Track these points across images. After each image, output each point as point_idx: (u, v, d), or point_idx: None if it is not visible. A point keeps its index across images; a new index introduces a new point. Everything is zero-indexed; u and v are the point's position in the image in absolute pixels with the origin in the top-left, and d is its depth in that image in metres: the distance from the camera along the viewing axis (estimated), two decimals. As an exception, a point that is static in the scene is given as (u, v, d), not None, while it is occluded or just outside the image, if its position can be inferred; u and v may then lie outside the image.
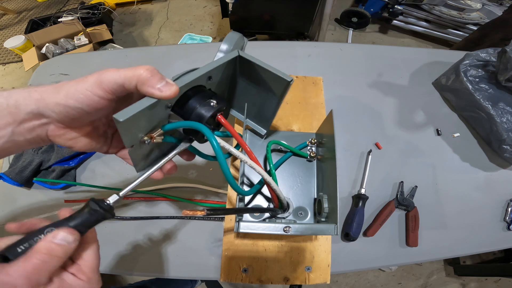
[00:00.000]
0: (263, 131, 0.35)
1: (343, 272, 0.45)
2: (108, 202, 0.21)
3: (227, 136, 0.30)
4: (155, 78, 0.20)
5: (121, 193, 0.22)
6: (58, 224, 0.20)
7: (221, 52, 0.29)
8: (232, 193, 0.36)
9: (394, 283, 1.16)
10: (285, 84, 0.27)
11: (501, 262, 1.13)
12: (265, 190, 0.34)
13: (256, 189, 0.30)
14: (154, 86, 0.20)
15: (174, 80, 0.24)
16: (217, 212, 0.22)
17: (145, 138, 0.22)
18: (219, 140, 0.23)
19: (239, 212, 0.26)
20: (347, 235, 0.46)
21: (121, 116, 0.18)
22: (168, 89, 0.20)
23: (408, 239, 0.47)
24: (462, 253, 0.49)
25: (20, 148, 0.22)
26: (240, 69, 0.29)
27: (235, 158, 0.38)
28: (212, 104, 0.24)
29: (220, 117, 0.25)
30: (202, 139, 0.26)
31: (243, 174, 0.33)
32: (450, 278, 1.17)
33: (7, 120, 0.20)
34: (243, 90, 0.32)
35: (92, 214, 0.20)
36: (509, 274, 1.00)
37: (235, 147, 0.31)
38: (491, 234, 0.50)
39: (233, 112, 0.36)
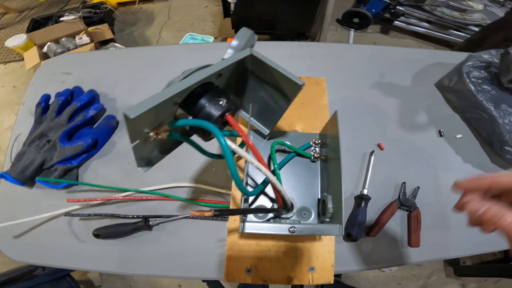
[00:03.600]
0: (266, 131, 0.35)
1: (344, 272, 0.45)
2: None
3: (233, 136, 0.30)
4: None
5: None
6: None
7: (232, 48, 0.29)
8: (236, 193, 0.36)
9: (394, 283, 1.16)
10: (296, 88, 0.27)
11: (501, 262, 1.13)
12: (268, 190, 0.34)
13: (260, 190, 0.30)
14: None
15: (185, 77, 0.24)
16: (223, 213, 0.22)
17: (151, 134, 0.22)
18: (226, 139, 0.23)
19: (245, 212, 0.26)
20: (349, 236, 0.46)
21: (132, 112, 0.18)
22: None
23: (410, 239, 0.47)
24: (462, 254, 0.49)
25: None
26: (250, 68, 0.29)
27: (239, 157, 0.38)
28: (221, 103, 0.24)
29: (228, 116, 0.24)
30: (208, 137, 0.26)
31: (247, 174, 0.33)
32: (450, 278, 1.17)
33: None
34: (251, 89, 0.32)
35: None
36: (508, 274, 1.00)
37: (239, 145, 0.31)
38: (492, 235, 0.49)
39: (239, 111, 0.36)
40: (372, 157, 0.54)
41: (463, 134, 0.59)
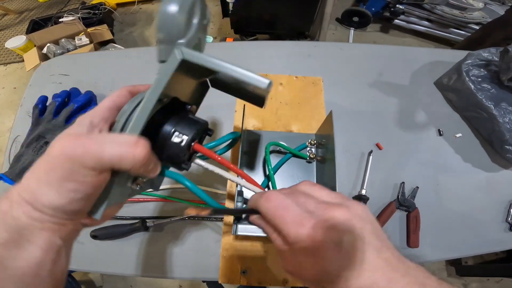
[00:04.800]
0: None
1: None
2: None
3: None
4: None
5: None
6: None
7: (162, 43, 0.20)
8: (231, 189, 0.35)
9: (395, 283, 1.16)
10: (262, 91, 0.20)
11: (503, 262, 1.12)
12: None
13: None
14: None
15: (130, 113, 0.20)
16: (221, 212, 0.21)
17: (133, 187, 0.21)
18: (202, 163, 0.22)
19: (243, 212, 0.26)
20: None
21: (98, 214, 0.18)
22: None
23: (409, 240, 0.47)
24: (463, 254, 0.49)
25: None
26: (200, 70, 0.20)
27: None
28: (178, 141, 0.20)
29: (196, 146, 0.21)
30: (181, 167, 0.23)
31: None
32: (451, 278, 1.16)
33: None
34: (221, 86, 0.26)
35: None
36: (511, 274, 1.00)
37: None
38: (493, 235, 0.49)
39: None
40: (371, 157, 0.53)
41: (462, 133, 0.58)
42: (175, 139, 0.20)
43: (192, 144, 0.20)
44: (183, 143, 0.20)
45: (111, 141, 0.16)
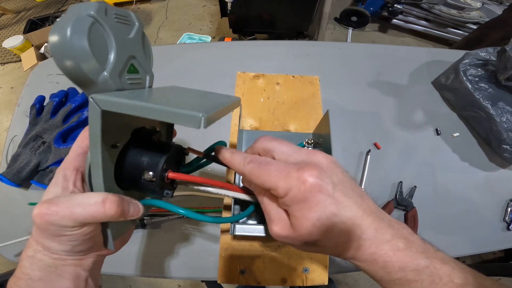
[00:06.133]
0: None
1: (342, 273, 0.45)
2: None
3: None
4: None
5: None
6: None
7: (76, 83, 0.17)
8: (227, 201, 0.35)
9: (393, 282, 1.16)
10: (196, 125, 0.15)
11: (501, 261, 1.13)
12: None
13: (251, 210, 0.25)
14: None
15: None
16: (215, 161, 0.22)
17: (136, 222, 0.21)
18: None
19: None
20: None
21: (110, 246, 0.20)
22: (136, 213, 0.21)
23: (407, 239, 0.47)
24: (461, 254, 0.49)
25: None
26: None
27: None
28: (149, 178, 0.19)
29: (171, 175, 0.20)
30: (164, 197, 0.22)
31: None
32: (450, 277, 1.17)
33: None
34: None
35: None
36: (509, 273, 1.00)
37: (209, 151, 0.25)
38: (491, 234, 0.50)
39: None
40: (369, 156, 0.53)
41: (460, 133, 0.58)
42: (146, 176, 0.19)
43: (165, 175, 0.19)
44: (155, 180, 0.19)
45: (79, 204, 0.18)
